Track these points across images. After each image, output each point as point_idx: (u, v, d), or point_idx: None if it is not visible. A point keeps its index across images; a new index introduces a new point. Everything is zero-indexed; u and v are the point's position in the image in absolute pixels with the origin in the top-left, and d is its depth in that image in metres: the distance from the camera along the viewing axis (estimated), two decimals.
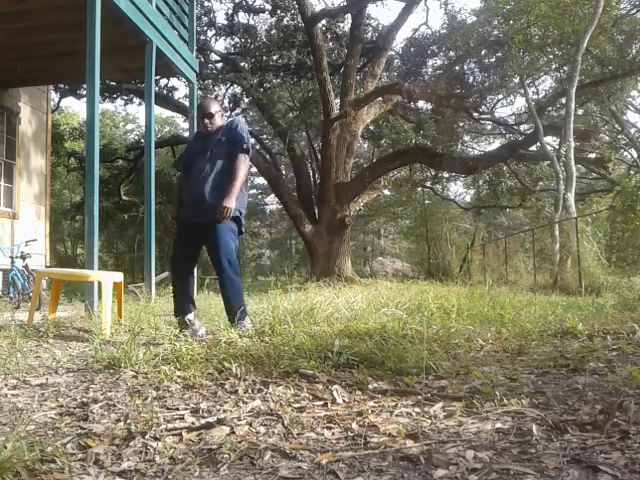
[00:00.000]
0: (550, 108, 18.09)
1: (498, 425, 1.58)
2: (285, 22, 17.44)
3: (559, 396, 1.93)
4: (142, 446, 1.45)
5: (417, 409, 1.79)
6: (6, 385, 2.18)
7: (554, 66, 16.55)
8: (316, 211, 16.29)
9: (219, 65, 18.12)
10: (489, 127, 22.52)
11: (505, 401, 1.79)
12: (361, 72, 17.39)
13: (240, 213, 3.69)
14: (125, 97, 18.83)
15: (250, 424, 1.64)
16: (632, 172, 18.87)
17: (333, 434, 1.56)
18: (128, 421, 1.61)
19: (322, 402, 1.89)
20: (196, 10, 9.54)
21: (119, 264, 26.89)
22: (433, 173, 21.82)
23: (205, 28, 17.44)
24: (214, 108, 3.78)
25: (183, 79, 8.27)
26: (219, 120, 3.81)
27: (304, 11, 14.56)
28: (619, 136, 21.12)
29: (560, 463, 1.28)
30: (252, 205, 38.12)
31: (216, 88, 18.05)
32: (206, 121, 3.76)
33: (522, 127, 19.66)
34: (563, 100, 14.39)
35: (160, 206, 19.64)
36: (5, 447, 1.30)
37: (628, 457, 1.30)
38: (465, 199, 31.84)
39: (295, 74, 18.04)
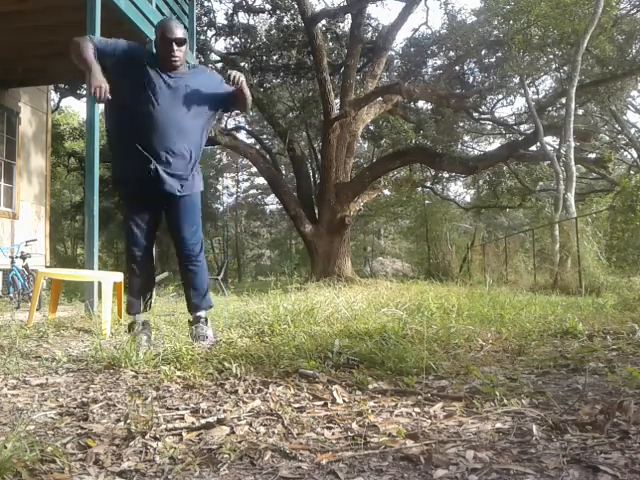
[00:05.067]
0: (550, 108, 18.08)
1: (498, 425, 1.58)
2: (285, 22, 17.44)
3: (559, 396, 1.93)
4: (142, 446, 1.45)
5: (417, 409, 1.79)
6: (6, 385, 2.18)
7: (554, 66, 16.54)
8: (316, 211, 16.29)
9: (219, 65, 18.11)
10: (489, 127, 22.52)
11: (505, 401, 1.79)
12: (361, 72, 17.38)
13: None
14: None
15: (250, 424, 1.64)
16: (632, 172, 18.87)
17: (333, 434, 1.56)
18: (128, 421, 1.61)
19: (322, 402, 1.89)
20: (196, 10, 9.53)
21: (119, 264, 26.86)
22: (433, 173, 21.82)
23: (205, 28, 17.43)
24: (185, 34, 2.97)
25: None
26: (184, 59, 3.02)
27: (304, 11, 14.56)
28: (619, 136, 21.12)
29: (560, 463, 1.28)
30: (252, 205, 38.17)
31: None
32: (176, 50, 2.89)
33: (522, 127, 19.65)
34: (563, 100, 14.39)
35: None
36: (5, 447, 1.30)
37: (628, 457, 1.30)
38: (465, 199, 31.90)
39: (295, 74, 18.03)
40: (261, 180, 32.35)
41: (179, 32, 2.91)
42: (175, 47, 2.89)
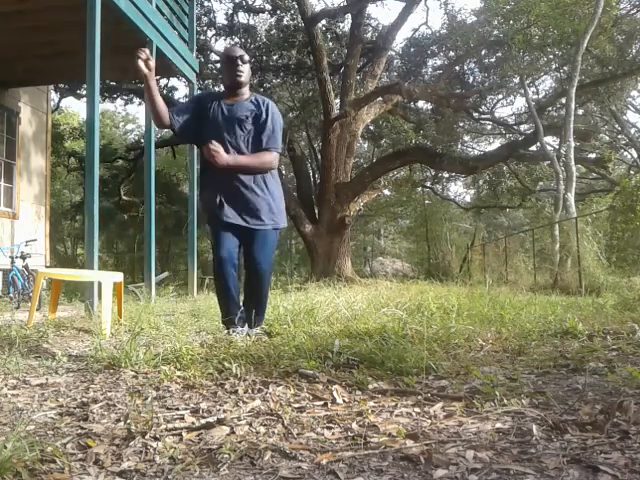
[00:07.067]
0: (550, 108, 18.08)
1: (498, 425, 1.58)
2: (285, 22, 17.44)
3: (559, 396, 1.93)
4: (142, 446, 1.45)
5: (417, 409, 1.79)
6: (6, 385, 2.18)
7: (554, 66, 16.55)
8: (316, 211, 16.29)
9: (219, 65, 18.09)
10: (489, 127, 22.51)
11: (505, 401, 1.78)
12: (361, 72, 17.38)
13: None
14: (125, 97, 18.84)
15: (250, 424, 1.64)
16: (632, 172, 18.87)
17: (333, 434, 1.56)
18: (128, 421, 1.61)
19: (322, 402, 1.89)
20: (196, 10, 9.54)
21: (119, 264, 26.84)
22: (433, 173, 21.82)
23: (205, 28, 17.43)
24: (247, 56, 3.12)
25: (183, 79, 8.27)
26: (248, 77, 3.13)
27: (304, 11, 14.56)
28: (619, 136, 21.12)
29: (560, 463, 1.28)
30: None
31: (216, 88, 18.04)
32: (240, 65, 3.03)
33: (522, 127, 19.66)
34: (563, 100, 14.39)
35: (160, 206, 19.64)
36: (5, 447, 1.29)
37: (628, 457, 1.30)
38: (465, 199, 31.84)
39: (295, 74, 18.03)
40: None
41: (239, 51, 3.15)
42: (239, 63, 3.08)
